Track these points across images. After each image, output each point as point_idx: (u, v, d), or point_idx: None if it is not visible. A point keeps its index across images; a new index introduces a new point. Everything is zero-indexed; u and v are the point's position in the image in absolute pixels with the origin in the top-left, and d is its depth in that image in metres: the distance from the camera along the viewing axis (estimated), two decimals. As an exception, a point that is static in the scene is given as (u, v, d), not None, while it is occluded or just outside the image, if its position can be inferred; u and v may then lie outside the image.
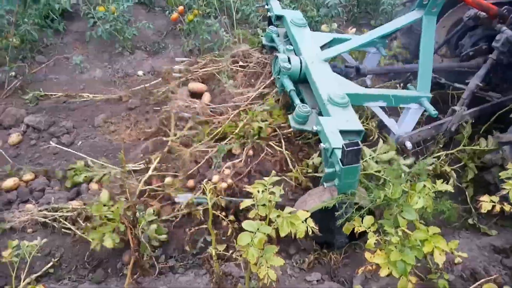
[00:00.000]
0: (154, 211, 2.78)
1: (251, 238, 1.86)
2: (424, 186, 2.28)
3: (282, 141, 3.13)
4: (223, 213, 2.62)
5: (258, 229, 1.89)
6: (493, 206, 2.42)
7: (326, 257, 2.67)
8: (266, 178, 2.06)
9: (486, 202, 2.42)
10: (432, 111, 3.22)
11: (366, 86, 3.87)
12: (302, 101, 3.13)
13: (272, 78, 3.53)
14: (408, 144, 3.22)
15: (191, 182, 3.01)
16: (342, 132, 2.56)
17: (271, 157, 3.08)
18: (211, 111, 3.47)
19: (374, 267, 2.24)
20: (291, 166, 3.01)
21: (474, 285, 2.42)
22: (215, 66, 3.84)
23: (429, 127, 3.40)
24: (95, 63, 4.72)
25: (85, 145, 3.60)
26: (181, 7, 4.89)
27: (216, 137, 3.24)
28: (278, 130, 3.17)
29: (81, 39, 4.93)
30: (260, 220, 1.96)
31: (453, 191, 2.35)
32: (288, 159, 3.04)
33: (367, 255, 2.29)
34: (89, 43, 4.89)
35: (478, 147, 3.28)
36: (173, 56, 4.82)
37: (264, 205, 2.00)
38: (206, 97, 3.72)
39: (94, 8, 4.60)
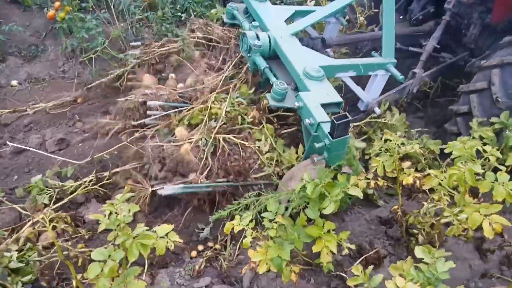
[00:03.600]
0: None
1: (101, 268, 1.70)
2: (340, 189, 2.28)
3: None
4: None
5: (109, 256, 1.74)
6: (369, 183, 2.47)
7: (218, 261, 2.60)
8: (118, 196, 1.90)
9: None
10: (399, 76, 3.25)
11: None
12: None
13: (238, 55, 3.44)
14: (377, 110, 3.30)
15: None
16: (323, 105, 2.58)
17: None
18: (180, 96, 3.31)
19: (257, 264, 2.19)
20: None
21: (358, 261, 2.48)
22: (174, 45, 3.63)
23: (394, 91, 3.51)
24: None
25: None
26: (57, 3, 4.38)
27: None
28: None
29: None
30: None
31: (361, 197, 2.34)
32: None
33: (249, 252, 2.24)
34: None
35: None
36: (54, 59, 4.37)
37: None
38: (172, 81, 3.51)
39: None
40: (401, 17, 4.49)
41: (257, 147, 2.94)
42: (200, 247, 2.78)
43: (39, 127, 3.68)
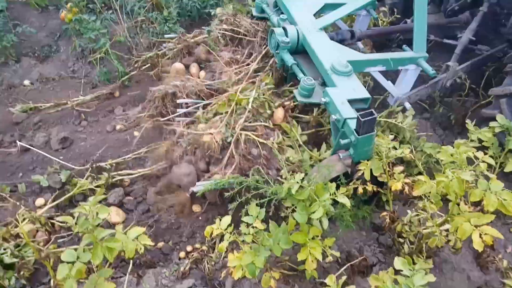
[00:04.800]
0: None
1: (69, 269, 1.74)
2: (330, 194, 2.25)
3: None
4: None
5: (78, 257, 1.77)
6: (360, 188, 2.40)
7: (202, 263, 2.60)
8: (90, 199, 1.93)
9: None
10: (430, 71, 3.18)
11: (359, 50, 3.79)
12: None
13: (264, 49, 3.49)
14: (407, 105, 3.23)
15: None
16: (350, 101, 2.57)
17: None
18: (207, 88, 3.40)
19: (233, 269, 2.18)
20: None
21: (344, 267, 2.42)
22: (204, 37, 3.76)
23: (426, 86, 3.44)
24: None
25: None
26: (69, 4, 4.55)
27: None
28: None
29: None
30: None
31: (349, 206, 2.30)
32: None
33: (229, 256, 2.23)
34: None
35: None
36: (65, 59, 4.49)
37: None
38: (195, 68, 3.66)
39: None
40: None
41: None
42: (189, 248, 2.80)
43: (47, 125, 3.80)
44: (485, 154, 2.75)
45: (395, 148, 2.46)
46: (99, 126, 3.78)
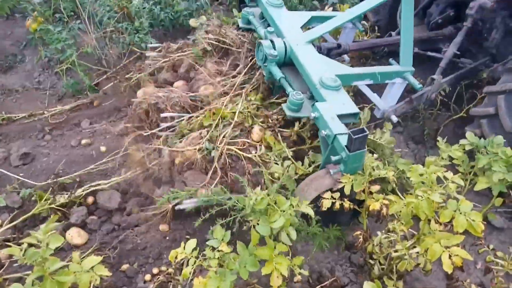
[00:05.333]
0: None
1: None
2: (290, 204, 2.20)
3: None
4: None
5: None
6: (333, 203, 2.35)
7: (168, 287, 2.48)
8: (42, 227, 1.79)
9: (327, 199, 2.33)
10: (417, 85, 3.23)
11: (346, 63, 3.82)
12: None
13: (251, 59, 3.44)
14: (394, 118, 3.26)
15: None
16: (340, 116, 2.55)
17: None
18: (191, 99, 3.30)
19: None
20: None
21: (315, 289, 2.35)
22: (190, 50, 3.64)
23: (412, 98, 3.47)
24: None
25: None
26: (35, 13, 4.37)
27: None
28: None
29: None
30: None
31: (313, 215, 2.28)
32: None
33: (195, 281, 2.13)
34: None
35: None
36: (30, 69, 4.31)
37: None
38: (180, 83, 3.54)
39: None
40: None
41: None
42: (155, 270, 2.67)
43: (8, 140, 3.61)
44: (457, 170, 2.78)
45: (378, 167, 2.42)
46: (64, 140, 3.61)
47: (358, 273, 2.58)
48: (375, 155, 2.61)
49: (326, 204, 2.32)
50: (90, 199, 3.05)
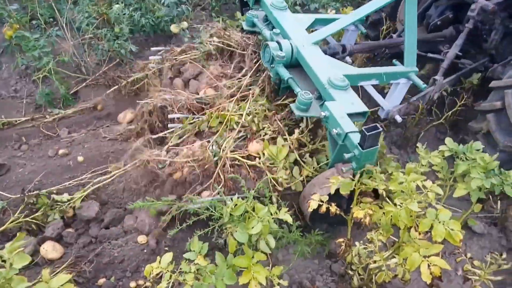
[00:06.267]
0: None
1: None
2: (268, 211, 2.19)
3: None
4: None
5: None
6: (319, 205, 2.31)
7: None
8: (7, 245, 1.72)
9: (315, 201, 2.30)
10: (422, 84, 3.29)
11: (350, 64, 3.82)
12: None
13: (256, 61, 3.46)
14: (398, 118, 3.30)
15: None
16: (349, 115, 2.57)
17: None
18: (197, 101, 3.33)
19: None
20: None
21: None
22: (194, 52, 3.66)
23: (414, 99, 3.52)
24: None
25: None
26: (11, 19, 4.27)
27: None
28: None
29: None
30: None
31: (291, 222, 2.25)
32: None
33: (171, 295, 2.07)
34: None
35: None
36: (7, 77, 4.21)
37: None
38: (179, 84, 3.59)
39: None
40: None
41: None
42: (133, 284, 2.60)
43: (-17, 150, 3.51)
44: (437, 176, 2.77)
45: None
46: (41, 151, 3.52)
47: (339, 282, 2.55)
48: None
49: (313, 205, 2.29)
50: (69, 212, 2.97)
